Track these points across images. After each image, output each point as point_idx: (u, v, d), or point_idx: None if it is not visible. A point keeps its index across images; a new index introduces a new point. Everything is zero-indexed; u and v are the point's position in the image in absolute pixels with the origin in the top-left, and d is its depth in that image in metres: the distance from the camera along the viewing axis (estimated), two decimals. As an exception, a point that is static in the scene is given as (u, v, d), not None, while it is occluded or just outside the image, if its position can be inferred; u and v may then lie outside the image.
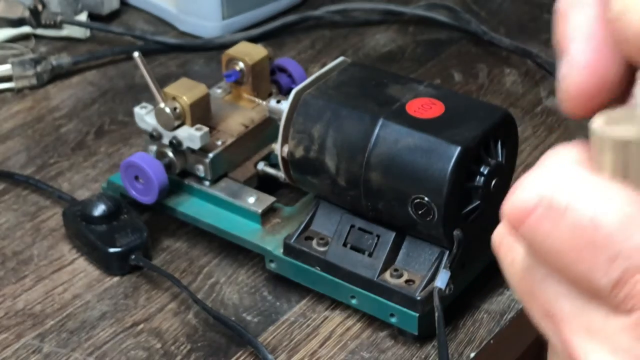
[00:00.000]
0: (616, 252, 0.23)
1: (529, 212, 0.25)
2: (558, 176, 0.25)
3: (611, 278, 0.24)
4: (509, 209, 0.26)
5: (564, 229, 0.24)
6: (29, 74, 0.89)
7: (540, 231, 0.25)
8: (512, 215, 0.26)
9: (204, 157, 0.69)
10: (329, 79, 0.66)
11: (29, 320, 0.66)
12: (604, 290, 0.24)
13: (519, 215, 0.25)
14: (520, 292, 0.28)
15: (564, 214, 0.24)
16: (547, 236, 0.25)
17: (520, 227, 0.26)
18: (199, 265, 0.70)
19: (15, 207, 0.76)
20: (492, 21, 0.99)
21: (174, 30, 1.00)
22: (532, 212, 0.25)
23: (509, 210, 0.26)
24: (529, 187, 0.25)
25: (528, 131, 0.83)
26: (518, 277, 0.28)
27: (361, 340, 0.64)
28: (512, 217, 0.26)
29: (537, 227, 0.25)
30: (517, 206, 0.25)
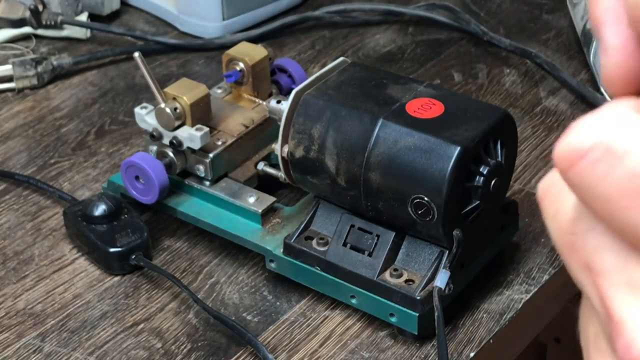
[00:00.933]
0: None
1: (583, 154, 0.24)
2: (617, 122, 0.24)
3: None
4: (561, 150, 0.25)
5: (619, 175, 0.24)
6: (30, 74, 0.89)
7: (594, 175, 0.24)
8: (564, 156, 0.25)
9: (204, 157, 0.69)
10: (329, 79, 0.66)
11: (30, 319, 0.66)
12: None
13: (571, 157, 0.24)
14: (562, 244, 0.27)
15: (621, 159, 0.24)
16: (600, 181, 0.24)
17: (571, 169, 0.25)
18: (200, 265, 0.70)
19: (16, 207, 0.76)
20: (491, 21, 1.00)
21: (175, 30, 1.00)
22: (586, 154, 0.24)
23: (561, 152, 0.25)
24: (585, 130, 0.24)
25: (527, 131, 0.83)
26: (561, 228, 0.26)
27: (361, 340, 0.64)
28: (564, 158, 0.25)
29: (591, 171, 0.24)
30: (571, 148, 0.24)
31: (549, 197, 0.27)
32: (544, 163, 0.79)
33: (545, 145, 0.82)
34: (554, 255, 0.70)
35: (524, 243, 0.71)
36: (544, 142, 0.82)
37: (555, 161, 0.25)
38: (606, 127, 0.24)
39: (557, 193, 0.27)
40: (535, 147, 0.81)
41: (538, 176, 0.78)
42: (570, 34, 0.97)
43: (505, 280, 0.68)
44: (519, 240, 0.71)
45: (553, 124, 0.84)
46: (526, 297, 0.66)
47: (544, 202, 0.28)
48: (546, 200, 0.27)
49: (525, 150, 0.81)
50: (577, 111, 0.86)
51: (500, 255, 0.69)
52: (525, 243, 0.71)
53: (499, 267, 0.69)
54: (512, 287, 0.67)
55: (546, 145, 0.82)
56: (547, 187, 0.28)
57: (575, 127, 0.25)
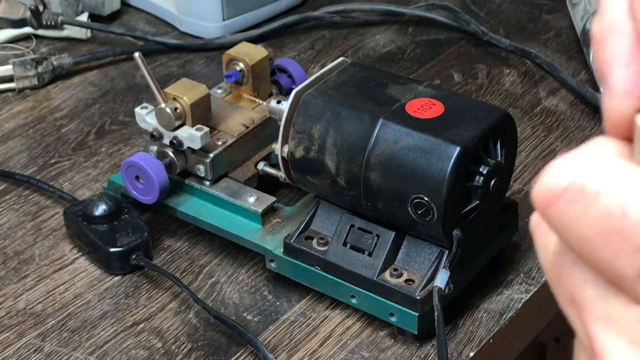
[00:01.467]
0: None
1: (559, 194, 0.25)
2: (592, 162, 0.25)
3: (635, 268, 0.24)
4: (538, 190, 0.25)
5: (593, 215, 0.24)
6: (30, 75, 0.89)
7: (569, 215, 0.25)
8: (541, 197, 0.25)
9: (204, 157, 0.69)
10: (329, 79, 0.66)
11: (30, 319, 0.66)
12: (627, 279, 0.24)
13: (548, 197, 0.25)
14: (550, 276, 0.27)
15: (595, 199, 0.24)
16: (575, 220, 0.25)
17: (548, 209, 0.25)
18: (200, 264, 0.70)
19: (16, 207, 0.76)
20: (491, 22, 1.00)
21: (175, 30, 1.00)
22: (562, 195, 0.25)
23: (539, 192, 0.25)
24: (561, 170, 0.25)
25: (527, 131, 0.83)
26: (549, 261, 0.27)
27: (361, 340, 0.64)
28: (541, 198, 0.25)
29: (566, 211, 0.25)
30: (547, 188, 0.25)
31: (540, 230, 0.28)
32: (543, 163, 0.79)
33: (544, 145, 0.82)
34: (553, 255, 0.70)
35: (523, 243, 0.71)
36: (543, 142, 0.82)
37: (534, 200, 0.26)
38: (581, 167, 0.25)
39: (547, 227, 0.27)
40: (535, 147, 0.81)
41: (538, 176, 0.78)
42: (570, 34, 0.97)
43: (505, 280, 0.68)
44: (519, 240, 0.71)
45: (553, 124, 0.84)
46: (526, 296, 0.66)
47: (536, 234, 0.28)
48: (537, 232, 0.28)
49: (525, 150, 0.81)
50: (576, 111, 0.86)
51: (500, 255, 0.69)
52: (525, 243, 0.71)
53: (499, 267, 0.69)
54: (512, 286, 0.67)
55: (546, 145, 0.82)
56: (539, 219, 0.28)
57: (552, 167, 0.25)
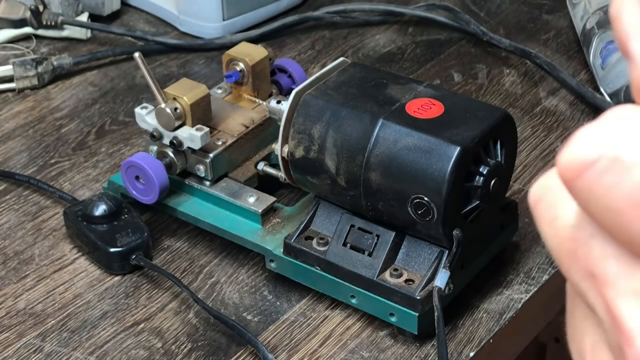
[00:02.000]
0: None
1: (589, 165, 0.24)
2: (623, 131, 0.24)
3: None
4: (566, 160, 0.24)
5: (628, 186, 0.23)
6: (30, 75, 0.89)
7: (601, 187, 0.24)
8: (568, 167, 0.24)
9: (204, 157, 0.69)
10: (329, 79, 0.66)
11: (30, 319, 0.66)
12: None
13: (577, 168, 0.24)
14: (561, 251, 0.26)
15: (629, 170, 0.23)
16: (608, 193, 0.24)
17: (576, 180, 0.24)
18: (200, 264, 0.70)
19: (16, 207, 0.76)
20: (491, 22, 1.00)
21: (175, 30, 1.00)
22: (593, 165, 0.24)
23: (566, 162, 0.24)
24: (590, 139, 0.24)
25: (527, 131, 0.83)
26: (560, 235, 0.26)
27: (361, 340, 0.64)
28: (568, 169, 0.24)
29: (598, 182, 0.24)
30: (576, 158, 0.24)
31: (545, 203, 0.27)
32: (543, 163, 0.79)
33: (545, 145, 0.82)
34: (553, 255, 0.70)
35: (523, 243, 0.71)
36: (543, 142, 0.82)
37: (560, 172, 0.24)
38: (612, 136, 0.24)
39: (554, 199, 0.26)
40: (535, 147, 0.81)
41: (538, 176, 0.78)
42: (570, 34, 0.97)
43: (505, 280, 0.68)
44: (519, 240, 0.71)
45: (553, 124, 0.84)
46: (526, 297, 0.66)
47: (539, 207, 0.27)
48: (541, 206, 0.27)
49: (525, 150, 0.81)
50: (576, 111, 0.86)
51: (500, 255, 0.69)
52: (525, 243, 0.71)
53: (499, 267, 0.69)
54: (512, 287, 0.67)
55: (546, 145, 0.82)
56: (541, 193, 0.27)
57: (579, 136, 0.24)
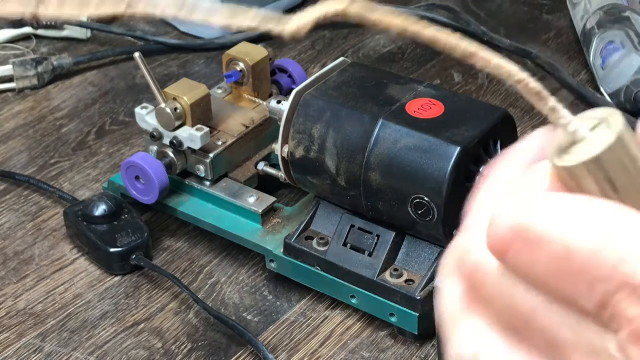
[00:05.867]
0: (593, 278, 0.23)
1: (508, 245, 0.25)
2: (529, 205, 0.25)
3: (595, 301, 0.24)
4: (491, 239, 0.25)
5: (543, 259, 0.24)
6: (30, 74, 0.89)
7: (522, 263, 0.25)
8: (493, 249, 0.25)
9: (204, 157, 0.69)
10: (329, 79, 0.66)
11: (30, 319, 0.66)
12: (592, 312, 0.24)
13: (500, 249, 0.25)
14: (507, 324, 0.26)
15: (539, 245, 0.24)
16: (529, 267, 0.25)
17: (504, 260, 0.25)
18: (200, 264, 0.70)
19: (16, 207, 0.76)
20: (491, 22, 1.00)
21: (175, 30, 1.00)
22: (510, 245, 0.25)
23: (491, 244, 0.25)
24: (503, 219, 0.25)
25: (527, 131, 0.83)
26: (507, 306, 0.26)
27: (361, 340, 0.64)
28: (494, 251, 0.25)
29: (518, 259, 0.25)
30: (495, 240, 0.25)
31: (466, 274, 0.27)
32: (543, 163, 0.79)
33: (545, 145, 0.82)
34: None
35: (523, 243, 0.71)
36: (543, 142, 0.82)
37: (490, 249, 0.25)
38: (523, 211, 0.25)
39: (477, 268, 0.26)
40: (535, 147, 0.81)
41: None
42: (570, 34, 0.97)
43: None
44: (519, 240, 0.71)
45: (553, 124, 0.84)
46: (526, 297, 0.66)
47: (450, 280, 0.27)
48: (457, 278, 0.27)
49: (525, 150, 0.81)
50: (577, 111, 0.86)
51: (500, 255, 0.69)
52: (525, 243, 0.71)
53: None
54: (512, 287, 0.67)
55: (546, 145, 0.81)
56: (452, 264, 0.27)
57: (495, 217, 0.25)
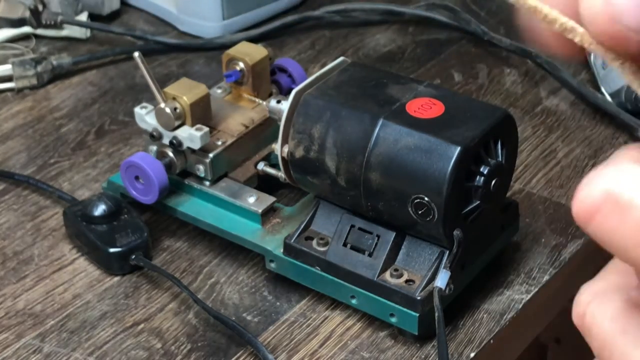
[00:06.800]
0: None
1: (596, 209, 0.26)
2: (623, 173, 0.26)
3: None
4: (577, 208, 0.26)
5: (630, 225, 0.25)
6: (30, 74, 0.89)
7: (608, 228, 0.26)
8: (580, 213, 0.26)
9: (204, 157, 0.69)
10: (329, 79, 0.66)
11: (30, 320, 0.66)
12: None
13: (587, 212, 0.26)
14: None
15: (628, 210, 0.25)
16: (615, 233, 0.25)
17: (589, 225, 0.26)
18: (199, 265, 0.70)
19: (15, 207, 0.76)
20: (491, 21, 1.00)
21: (174, 30, 1.00)
22: (599, 209, 0.26)
23: (577, 208, 0.26)
24: (594, 184, 0.26)
25: (528, 131, 0.83)
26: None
27: (361, 340, 0.64)
28: (580, 215, 0.26)
29: (605, 224, 0.26)
30: (584, 204, 0.26)
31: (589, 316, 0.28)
32: (544, 163, 0.79)
33: (545, 145, 0.82)
34: (554, 255, 0.70)
35: (524, 243, 0.71)
36: (544, 142, 0.82)
37: (575, 218, 0.26)
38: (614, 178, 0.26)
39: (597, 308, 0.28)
40: (535, 147, 0.81)
41: (538, 176, 0.78)
42: (570, 33, 0.96)
43: (506, 281, 0.68)
44: (519, 240, 0.71)
45: (553, 124, 0.84)
46: (526, 297, 0.66)
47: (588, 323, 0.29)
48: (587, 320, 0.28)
49: (526, 150, 0.81)
50: (577, 111, 0.86)
51: (501, 255, 0.69)
52: (526, 243, 0.71)
53: (499, 267, 0.68)
54: (513, 287, 0.67)
55: (547, 145, 0.81)
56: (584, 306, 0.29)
57: (587, 181, 0.26)
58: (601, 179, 0.26)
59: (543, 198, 0.75)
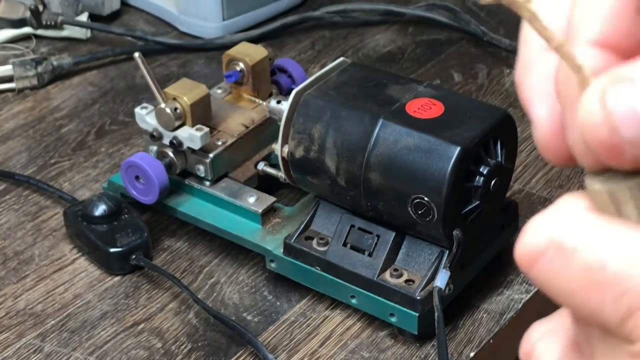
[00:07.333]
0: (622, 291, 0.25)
1: (540, 254, 0.26)
2: (567, 220, 0.26)
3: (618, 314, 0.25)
4: (520, 252, 0.27)
5: (574, 270, 0.25)
6: (30, 75, 0.89)
7: (551, 272, 0.26)
8: (523, 258, 0.26)
9: (204, 157, 0.69)
10: (329, 79, 0.66)
11: (30, 319, 0.66)
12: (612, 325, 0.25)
13: (530, 258, 0.26)
14: None
15: (572, 255, 0.25)
16: (558, 277, 0.26)
17: (532, 269, 0.26)
18: (200, 265, 0.70)
19: (16, 207, 0.76)
20: (491, 22, 1.00)
21: (175, 30, 1.00)
22: (543, 254, 0.26)
23: (521, 253, 0.27)
24: (539, 230, 0.26)
25: (527, 131, 0.83)
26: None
27: (361, 340, 0.64)
28: (524, 259, 0.26)
29: (548, 269, 0.26)
30: (528, 249, 0.26)
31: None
32: (543, 163, 0.79)
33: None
34: (554, 255, 0.70)
35: (524, 243, 0.71)
36: (544, 142, 0.82)
37: (517, 262, 0.27)
38: (558, 225, 0.26)
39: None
40: (535, 147, 0.81)
41: (538, 176, 0.78)
42: (570, 34, 0.97)
43: (505, 280, 0.68)
44: (519, 240, 0.71)
45: (553, 124, 0.84)
46: (526, 297, 0.66)
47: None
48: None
49: (525, 151, 0.81)
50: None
51: (500, 255, 0.69)
52: (525, 243, 0.71)
53: (499, 267, 0.69)
54: (512, 287, 0.67)
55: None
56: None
57: (531, 226, 0.27)
58: (546, 225, 0.26)
59: (542, 198, 0.75)
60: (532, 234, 0.26)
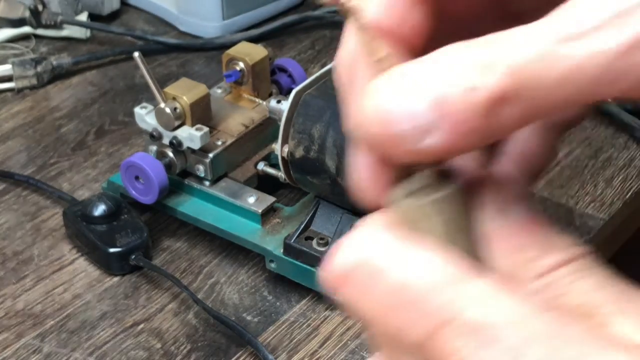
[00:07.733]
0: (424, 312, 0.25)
1: (347, 275, 0.26)
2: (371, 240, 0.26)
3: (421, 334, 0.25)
4: (329, 273, 0.27)
5: (379, 291, 0.26)
6: (30, 74, 0.89)
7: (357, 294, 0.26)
8: (332, 280, 0.27)
9: (204, 157, 0.69)
10: (329, 79, 0.66)
11: (29, 320, 0.66)
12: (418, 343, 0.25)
13: (337, 279, 0.26)
14: None
15: (378, 276, 0.26)
16: (364, 298, 0.26)
17: (340, 290, 0.26)
18: (199, 265, 0.70)
19: (15, 207, 0.76)
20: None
21: (174, 30, 1.00)
22: (350, 276, 0.26)
23: (330, 274, 0.27)
24: (347, 251, 0.26)
25: (528, 131, 0.83)
26: None
27: (361, 340, 0.64)
28: (332, 280, 0.27)
29: (356, 290, 0.26)
30: (335, 270, 0.26)
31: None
32: (544, 163, 0.79)
33: (545, 145, 0.81)
34: (554, 256, 0.70)
35: (524, 243, 0.71)
36: (544, 142, 0.82)
37: (324, 283, 0.27)
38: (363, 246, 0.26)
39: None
40: (535, 147, 0.81)
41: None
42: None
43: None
44: (520, 240, 0.71)
45: (553, 124, 0.84)
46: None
47: None
48: None
49: (526, 150, 0.80)
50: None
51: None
52: (526, 243, 0.71)
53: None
54: (513, 287, 0.67)
55: (547, 145, 0.81)
56: None
57: (337, 250, 0.27)
58: (353, 246, 0.26)
59: (543, 198, 0.75)
60: (338, 256, 0.26)
